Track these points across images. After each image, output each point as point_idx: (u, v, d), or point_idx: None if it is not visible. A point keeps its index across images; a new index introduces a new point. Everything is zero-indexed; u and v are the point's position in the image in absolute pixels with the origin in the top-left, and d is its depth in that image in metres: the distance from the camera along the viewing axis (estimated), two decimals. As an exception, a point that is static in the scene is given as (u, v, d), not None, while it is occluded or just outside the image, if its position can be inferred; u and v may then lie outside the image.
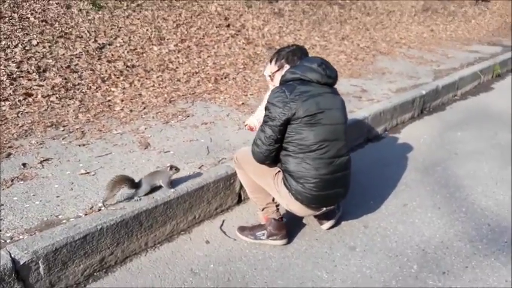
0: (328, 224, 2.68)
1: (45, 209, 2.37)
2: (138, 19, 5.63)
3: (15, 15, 4.79)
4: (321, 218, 2.65)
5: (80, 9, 5.31)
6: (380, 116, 4.11)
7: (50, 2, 5.23)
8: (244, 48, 5.82)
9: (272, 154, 2.33)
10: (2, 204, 2.38)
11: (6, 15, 4.71)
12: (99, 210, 2.37)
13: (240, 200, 2.98)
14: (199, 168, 2.89)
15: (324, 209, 2.42)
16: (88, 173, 2.76)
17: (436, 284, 2.26)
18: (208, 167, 2.90)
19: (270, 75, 2.59)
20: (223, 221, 2.77)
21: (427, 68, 5.69)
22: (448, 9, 10.18)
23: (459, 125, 4.42)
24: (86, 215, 2.33)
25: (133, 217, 2.37)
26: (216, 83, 4.66)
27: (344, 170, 2.39)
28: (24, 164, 2.82)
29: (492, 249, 2.54)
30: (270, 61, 2.60)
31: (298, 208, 2.40)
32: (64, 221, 2.27)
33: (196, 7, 6.48)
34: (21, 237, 2.13)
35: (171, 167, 2.56)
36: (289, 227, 2.61)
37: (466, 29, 8.77)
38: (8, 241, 2.10)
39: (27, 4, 5.02)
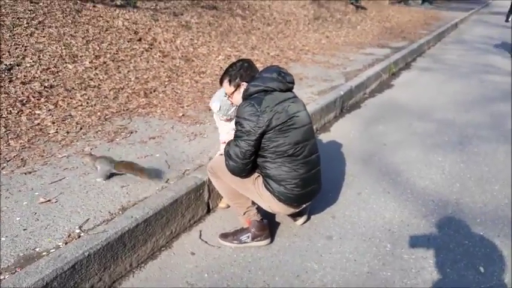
0: (302, 219, 2.83)
1: (16, 244, 2.15)
2: (44, 37, 5.26)
3: None
4: (294, 215, 2.79)
5: (-28, 28, 4.81)
6: (312, 117, 4.38)
7: None
8: (162, 61, 5.76)
9: (248, 167, 2.40)
10: (-38, 247, 2.11)
11: None
12: (79, 236, 2.23)
13: (209, 210, 2.99)
14: (166, 182, 2.84)
15: (304, 205, 2.57)
16: (49, 200, 2.54)
17: (410, 257, 2.53)
18: (175, 180, 2.86)
19: (228, 97, 2.59)
20: (200, 231, 2.76)
21: (337, 71, 6.19)
22: (335, 17, 11.14)
23: (378, 120, 4.91)
24: (66, 243, 2.17)
25: (118, 238, 2.27)
26: (147, 97, 4.55)
27: (317, 166, 2.55)
28: (-33, 201, 2.51)
29: (443, 221, 2.91)
30: (221, 82, 2.57)
31: (280, 208, 2.50)
32: (44, 253, 2.09)
33: (102, 22, 6.24)
34: (1, 277, 1.92)
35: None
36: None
37: (355, 34, 9.67)
38: (-13, 284, 1.88)
39: None
